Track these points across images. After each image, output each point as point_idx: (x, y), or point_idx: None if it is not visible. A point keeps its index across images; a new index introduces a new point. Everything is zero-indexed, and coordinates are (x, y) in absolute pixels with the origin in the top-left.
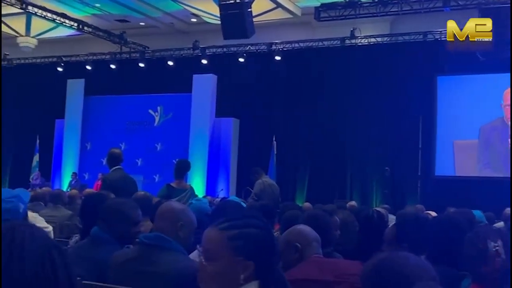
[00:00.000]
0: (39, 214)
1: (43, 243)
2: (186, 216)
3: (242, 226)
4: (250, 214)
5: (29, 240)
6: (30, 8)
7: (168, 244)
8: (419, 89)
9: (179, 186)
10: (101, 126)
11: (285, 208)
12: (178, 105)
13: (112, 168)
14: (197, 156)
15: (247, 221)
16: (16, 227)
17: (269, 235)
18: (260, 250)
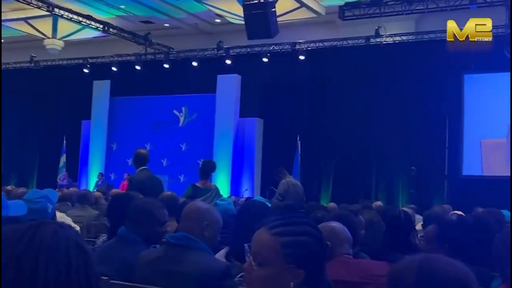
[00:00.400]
0: (66, 214)
1: (63, 242)
2: (212, 215)
3: (297, 233)
4: (305, 221)
5: (49, 238)
6: (56, 11)
7: (194, 244)
8: (445, 87)
9: (204, 186)
10: (126, 126)
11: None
12: (203, 105)
13: (138, 168)
14: (222, 156)
15: (302, 228)
16: (40, 225)
17: (321, 245)
18: (312, 259)
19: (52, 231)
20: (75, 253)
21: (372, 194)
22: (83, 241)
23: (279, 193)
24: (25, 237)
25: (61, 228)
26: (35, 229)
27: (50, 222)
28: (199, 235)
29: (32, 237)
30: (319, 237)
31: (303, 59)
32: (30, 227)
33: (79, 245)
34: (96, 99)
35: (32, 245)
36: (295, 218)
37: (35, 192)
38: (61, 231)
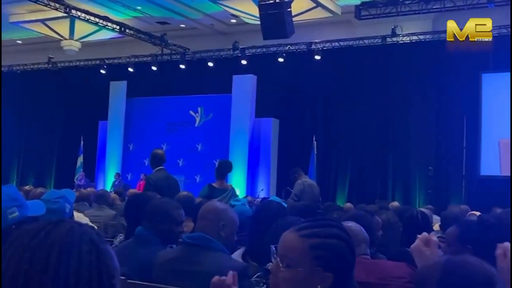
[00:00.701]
0: (84, 214)
1: (76, 238)
2: (228, 216)
3: (326, 235)
4: (335, 224)
5: (64, 234)
6: (73, 12)
7: (211, 244)
8: (463, 87)
9: (221, 187)
10: (143, 127)
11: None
12: (218, 105)
13: (155, 168)
14: (237, 156)
15: (331, 230)
16: (58, 222)
17: (350, 248)
18: (341, 262)
19: (68, 228)
20: (88, 249)
21: (389, 195)
22: (100, 239)
23: (295, 194)
24: (43, 232)
25: (78, 225)
26: (53, 225)
27: (68, 220)
28: (215, 235)
29: (48, 232)
30: (348, 240)
31: (319, 59)
32: (48, 223)
33: (93, 242)
34: (113, 100)
35: (47, 239)
36: (324, 220)
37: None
38: (77, 228)
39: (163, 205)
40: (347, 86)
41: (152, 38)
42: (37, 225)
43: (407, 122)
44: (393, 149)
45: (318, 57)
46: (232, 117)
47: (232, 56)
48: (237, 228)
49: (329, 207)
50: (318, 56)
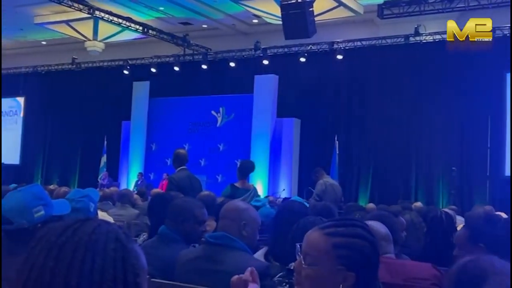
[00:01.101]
0: (107, 213)
1: (102, 236)
2: (249, 214)
3: (350, 235)
4: (359, 224)
5: (91, 231)
6: (97, 13)
7: (233, 243)
8: (487, 87)
9: (243, 186)
10: (165, 127)
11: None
12: (240, 105)
13: (178, 168)
14: (259, 156)
15: (355, 230)
16: (85, 221)
17: (374, 249)
18: (364, 262)
19: (94, 226)
20: (114, 247)
21: (412, 195)
22: (127, 238)
23: (317, 194)
24: (70, 229)
25: (105, 224)
26: (80, 223)
27: (95, 218)
28: (237, 234)
29: (75, 230)
30: (373, 240)
31: (341, 58)
32: (76, 221)
33: (119, 240)
34: (136, 100)
35: (74, 237)
36: (349, 220)
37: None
38: (103, 227)
39: (186, 204)
40: (369, 85)
41: (175, 38)
42: (64, 223)
43: (430, 121)
44: (416, 149)
45: (340, 57)
46: (253, 117)
47: (253, 56)
48: (259, 227)
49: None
50: (340, 56)
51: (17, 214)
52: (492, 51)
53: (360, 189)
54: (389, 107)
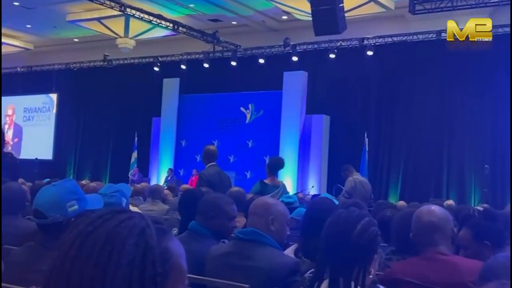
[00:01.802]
0: (138, 208)
1: (125, 233)
2: (277, 210)
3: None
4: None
5: (114, 226)
6: (128, 10)
7: (263, 239)
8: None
9: (272, 183)
10: (195, 123)
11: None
12: (269, 102)
13: (207, 164)
14: (288, 153)
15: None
16: (118, 213)
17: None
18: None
19: (124, 218)
20: (134, 242)
21: (443, 193)
22: (157, 234)
23: (346, 191)
24: (100, 220)
25: (138, 217)
26: (112, 214)
27: (130, 211)
28: (266, 230)
29: (105, 220)
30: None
31: (371, 54)
32: (109, 212)
33: (142, 235)
34: (166, 97)
35: (100, 228)
36: None
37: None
38: (132, 220)
39: (216, 200)
40: (400, 82)
41: (204, 35)
42: (99, 213)
43: (462, 118)
44: (448, 146)
45: (371, 53)
46: (282, 114)
47: (283, 53)
48: (288, 221)
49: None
50: (371, 52)
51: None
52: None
53: (390, 187)
54: (420, 103)
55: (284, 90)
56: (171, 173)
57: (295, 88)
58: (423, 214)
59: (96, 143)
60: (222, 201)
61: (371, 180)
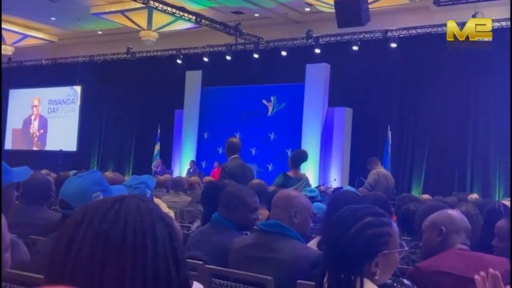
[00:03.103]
0: (161, 199)
1: (150, 219)
2: (300, 202)
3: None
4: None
5: (136, 216)
6: (151, 3)
7: (286, 232)
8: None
9: (295, 176)
10: (217, 116)
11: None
12: (291, 95)
13: (230, 156)
14: (310, 145)
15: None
16: (123, 200)
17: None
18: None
19: (135, 206)
20: (161, 226)
21: (467, 187)
22: (165, 215)
23: (369, 183)
24: (111, 212)
25: (143, 202)
26: (119, 203)
27: (132, 197)
28: (289, 222)
29: (117, 211)
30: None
31: (394, 47)
32: (114, 201)
33: (162, 218)
34: (189, 89)
35: (119, 222)
36: None
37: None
38: (144, 205)
39: (238, 192)
40: (424, 74)
41: (227, 28)
42: (102, 203)
43: (487, 111)
44: (472, 139)
45: (394, 45)
46: (305, 106)
47: (305, 45)
48: (311, 214)
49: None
50: (394, 44)
51: (77, 199)
52: None
53: (413, 180)
54: (444, 96)
55: (307, 82)
56: (193, 165)
57: (318, 81)
58: (441, 220)
59: (120, 135)
60: (244, 193)
61: (394, 173)
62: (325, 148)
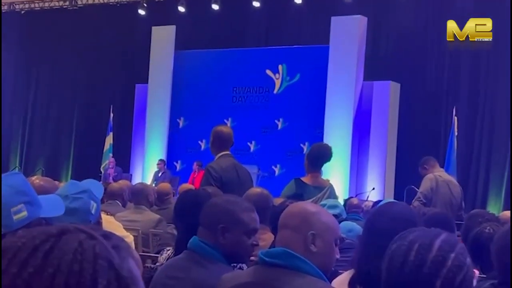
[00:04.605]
0: (115, 217)
1: (91, 268)
2: (320, 221)
3: None
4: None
5: (72, 262)
6: None
7: (299, 264)
8: None
9: (314, 183)
10: (198, 94)
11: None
12: (309, 62)
13: (218, 154)
14: (336, 137)
15: None
16: (59, 236)
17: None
18: None
19: (75, 246)
20: (107, 279)
21: None
22: (121, 259)
23: (423, 193)
24: (39, 254)
25: (89, 239)
26: (54, 240)
27: (74, 229)
28: (304, 251)
29: (48, 252)
30: None
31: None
32: (48, 236)
33: (112, 267)
34: (156, 53)
35: (48, 266)
36: None
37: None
38: (88, 245)
39: (228, 205)
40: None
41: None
42: (31, 240)
43: None
44: None
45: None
46: (329, 80)
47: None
48: (337, 239)
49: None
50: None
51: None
52: None
53: (490, 191)
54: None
55: (332, 44)
56: (163, 167)
57: (349, 42)
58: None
59: (54, 121)
60: (238, 207)
61: (461, 180)
62: (359, 142)
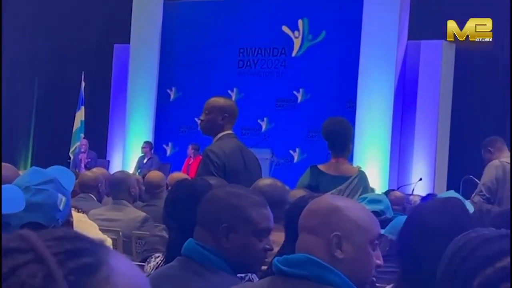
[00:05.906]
0: (88, 215)
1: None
2: (348, 219)
3: None
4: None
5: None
6: None
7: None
8: None
9: (335, 171)
10: (193, 58)
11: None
12: (337, 17)
13: (218, 134)
14: (373, 113)
15: None
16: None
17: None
18: None
19: (12, 266)
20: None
21: None
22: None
23: (486, 185)
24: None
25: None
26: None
27: (22, 241)
28: (328, 257)
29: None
30: None
31: None
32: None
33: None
34: (139, 6)
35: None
36: None
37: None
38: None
39: (233, 199)
40: None
41: None
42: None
43: None
44: None
45: None
46: (362, 38)
47: None
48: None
49: None
50: None
51: None
52: None
53: None
54: None
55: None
56: (149, 151)
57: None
58: None
59: (10, 93)
60: (245, 201)
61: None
62: (402, 120)
